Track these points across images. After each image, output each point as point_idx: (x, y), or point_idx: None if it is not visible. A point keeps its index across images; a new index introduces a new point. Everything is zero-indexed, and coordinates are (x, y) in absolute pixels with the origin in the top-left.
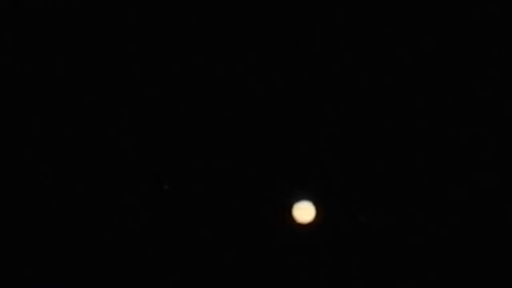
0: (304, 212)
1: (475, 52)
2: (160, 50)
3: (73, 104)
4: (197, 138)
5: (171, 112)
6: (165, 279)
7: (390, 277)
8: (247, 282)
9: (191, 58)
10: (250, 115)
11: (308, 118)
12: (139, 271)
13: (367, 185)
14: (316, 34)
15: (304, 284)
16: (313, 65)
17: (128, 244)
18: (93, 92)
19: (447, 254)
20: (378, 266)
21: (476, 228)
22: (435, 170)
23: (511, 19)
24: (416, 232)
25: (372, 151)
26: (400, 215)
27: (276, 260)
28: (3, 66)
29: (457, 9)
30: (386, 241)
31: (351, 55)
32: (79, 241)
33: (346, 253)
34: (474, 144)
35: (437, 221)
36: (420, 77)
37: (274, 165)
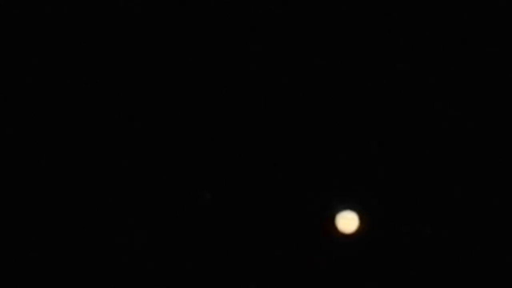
0: (347, 222)
1: (475, 52)
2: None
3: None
4: (240, 147)
5: (210, 123)
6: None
7: None
8: None
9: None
10: (295, 125)
11: (353, 128)
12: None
13: (412, 195)
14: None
15: None
16: (354, 76)
17: (173, 251)
18: (128, 101)
19: (497, 268)
20: (422, 278)
21: None
22: (482, 182)
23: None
24: (462, 244)
25: (418, 162)
26: (446, 227)
27: (319, 270)
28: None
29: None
30: (430, 252)
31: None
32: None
33: (390, 264)
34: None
35: (484, 234)
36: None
37: (318, 175)
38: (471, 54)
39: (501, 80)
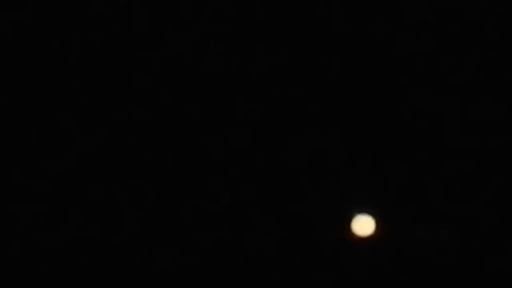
0: (363, 225)
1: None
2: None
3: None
4: (257, 151)
5: (224, 127)
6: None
7: None
8: None
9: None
10: (313, 128)
11: (370, 132)
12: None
13: (428, 199)
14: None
15: None
16: (371, 80)
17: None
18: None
19: None
20: (437, 281)
21: None
22: (499, 184)
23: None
24: (479, 247)
25: (434, 166)
26: (462, 230)
27: (334, 273)
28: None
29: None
30: (446, 256)
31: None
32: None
33: (405, 267)
34: None
35: (502, 236)
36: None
37: (335, 178)
38: (471, 54)
39: (501, 80)
